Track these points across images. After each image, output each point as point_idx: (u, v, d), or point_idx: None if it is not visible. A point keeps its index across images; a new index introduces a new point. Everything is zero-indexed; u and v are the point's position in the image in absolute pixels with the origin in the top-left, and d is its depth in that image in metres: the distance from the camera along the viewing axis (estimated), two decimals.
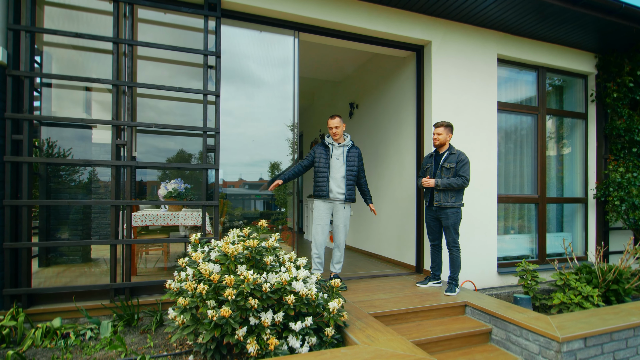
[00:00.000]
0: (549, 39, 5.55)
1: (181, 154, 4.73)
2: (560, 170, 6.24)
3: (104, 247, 5.12)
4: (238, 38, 4.47)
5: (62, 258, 4.78)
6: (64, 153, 4.32)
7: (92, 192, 5.01)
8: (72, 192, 4.81)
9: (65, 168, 4.61)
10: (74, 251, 4.91)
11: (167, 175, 4.94)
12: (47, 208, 4.43)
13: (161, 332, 3.52)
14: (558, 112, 6.14)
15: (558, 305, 4.06)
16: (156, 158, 4.59)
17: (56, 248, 4.74)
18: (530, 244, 5.84)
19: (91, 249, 5.11)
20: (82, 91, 4.42)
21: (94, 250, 5.19)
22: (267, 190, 5.19)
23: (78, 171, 4.80)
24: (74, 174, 4.85)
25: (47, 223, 4.60)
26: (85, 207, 4.93)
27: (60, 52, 4.27)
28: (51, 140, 4.28)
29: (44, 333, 3.28)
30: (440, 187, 4.14)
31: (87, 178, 4.95)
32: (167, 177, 4.92)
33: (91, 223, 5.05)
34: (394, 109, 5.92)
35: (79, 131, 4.47)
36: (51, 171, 4.55)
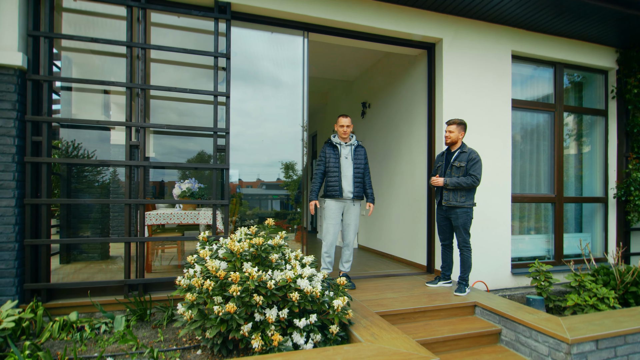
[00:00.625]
0: (567, 34, 5.39)
1: (201, 154, 4.84)
2: (579, 168, 6.05)
3: (121, 244, 5.30)
4: (251, 39, 4.55)
5: (82, 255, 4.98)
6: (88, 154, 4.50)
7: (110, 191, 5.19)
8: (91, 192, 5.01)
9: (87, 169, 4.80)
10: (93, 249, 5.10)
11: (187, 175, 5.06)
12: (67, 207, 4.62)
13: (172, 327, 3.61)
14: (577, 109, 5.96)
15: (572, 307, 3.96)
16: (177, 159, 4.73)
17: (77, 246, 4.94)
18: (547, 244, 5.69)
19: (109, 247, 5.29)
20: (101, 94, 4.59)
21: (113, 248, 5.37)
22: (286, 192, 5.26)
23: (100, 172, 4.99)
24: (97, 174, 5.05)
25: (67, 221, 4.81)
26: (104, 206, 5.11)
27: (80, 57, 4.45)
28: (76, 142, 4.47)
29: (61, 326, 3.42)
30: (449, 186, 4.09)
31: (106, 178, 5.14)
32: (187, 177, 5.04)
33: (109, 222, 5.24)
34: (405, 107, 5.88)
35: (99, 133, 4.64)
36: (75, 171, 4.75)
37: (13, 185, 3.57)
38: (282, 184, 5.20)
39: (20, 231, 3.64)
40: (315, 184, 4.40)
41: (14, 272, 3.57)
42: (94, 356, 2.97)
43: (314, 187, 4.40)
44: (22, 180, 3.66)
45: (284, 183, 5.22)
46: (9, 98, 3.55)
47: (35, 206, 3.72)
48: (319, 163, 4.46)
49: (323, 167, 4.42)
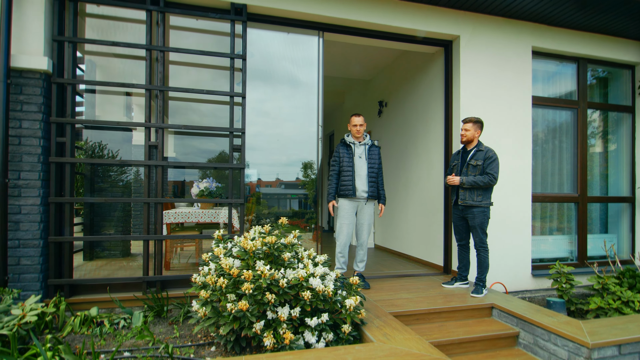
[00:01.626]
0: (590, 28, 5.21)
1: (222, 154, 4.92)
2: (604, 167, 5.83)
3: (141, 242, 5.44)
4: (267, 40, 4.59)
5: (104, 252, 5.13)
6: (113, 154, 4.65)
7: (132, 191, 5.34)
8: (113, 191, 5.16)
9: (110, 168, 4.95)
10: (115, 246, 5.26)
11: (208, 174, 5.15)
12: (90, 206, 4.77)
13: (187, 323, 3.68)
14: (601, 105, 5.75)
15: (595, 310, 3.82)
16: (197, 158, 4.83)
17: (100, 243, 5.10)
18: (570, 245, 5.51)
19: (131, 244, 5.44)
20: (123, 96, 4.73)
21: (134, 246, 5.52)
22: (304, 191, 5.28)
23: (123, 171, 5.13)
24: (120, 174, 5.20)
25: (90, 219, 4.97)
26: (125, 205, 5.26)
27: (102, 60, 4.60)
28: (100, 142, 4.63)
29: (82, 321, 3.54)
30: (465, 185, 4.03)
31: (128, 178, 5.28)
32: (206, 177, 5.14)
33: (131, 220, 5.39)
34: (422, 106, 5.81)
35: (121, 134, 4.78)
36: (99, 171, 4.90)
37: (38, 185, 3.71)
38: (300, 183, 5.22)
39: (45, 229, 3.79)
40: (331, 185, 4.40)
41: (38, 268, 3.72)
42: (112, 350, 3.06)
43: (331, 188, 4.40)
44: (47, 179, 3.81)
45: (302, 182, 5.24)
46: (35, 101, 3.70)
47: (59, 205, 3.86)
48: (333, 163, 4.45)
49: (337, 167, 4.41)
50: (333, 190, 4.39)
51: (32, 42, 3.70)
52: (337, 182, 4.41)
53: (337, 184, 4.41)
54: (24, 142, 3.68)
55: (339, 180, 4.41)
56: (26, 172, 3.69)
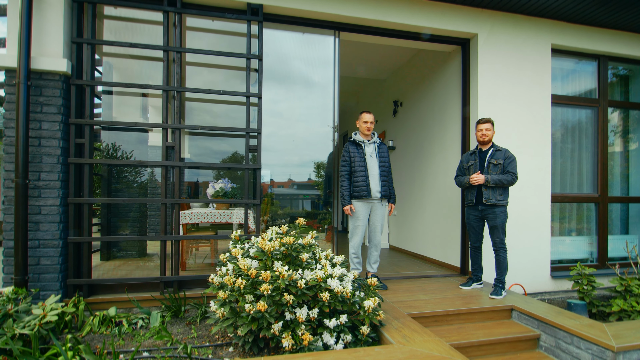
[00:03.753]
0: (611, 25, 5.09)
1: (235, 155, 4.94)
2: (626, 167, 5.69)
3: (157, 242, 5.47)
4: (282, 40, 4.58)
5: (121, 252, 5.19)
6: (127, 156, 4.69)
7: (148, 191, 5.39)
8: (130, 192, 5.21)
9: (127, 169, 5.00)
10: (131, 246, 5.31)
11: (222, 175, 5.18)
12: (107, 206, 4.82)
13: (205, 324, 3.69)
14: (622, 104, 5.62)
15: (617, 313, 3.73)
16: (211, 159, 4.85)
17: (116, 243, 5.15)
18: (590, 246, 5.40)
19: (147, 245, 5.50)
20: (140, 97, 4.77)
21: (150, 246, 5.58)
22: (316, 191, 5.28)
23: (139, 172, 5.19)
24: (136, 175, 5.26)
25: (108, 220, 5.02)
26: (141, 205, 5.31)
27: (120, 62, 4.65)
28: (116, 144, 4.67)
29: (101, 320, 3.57)
30: (490, 184, 3.99)
31: (144, 179, 5.34)
32: (221, 177, 5.16)
33: (147, 220, 5.45)
34: (438, 105, 5.75)
35: (137, 135, 4.83)
36: (115, 172, 4.95)
37: (58, 185, 3.76)
38: (313, 184, 5.21)
39: (64, 229, 3.83)
40: (345, 186, 4.28)
41: (58, 268, 3.76)
42: (131, 350, 3.08)
43: (345, 189, 4.27)
44: (66, 180, 3.85)
45: (314, 183, 5.23)
46: (54, 102, 3.75)
47: (77, 205, 3.90)
48: (344, 163, 4.32)
49: (349, 168, 4.30)
50: (348, 191, 4.27)
51: (51, 44, 3.75)
52: (350, 182, 4.32)
53: (350, 184, 4.31)
54: (43, 144, 3.72)
55: (351, 181, 4.34)
56: (46, 173, 3.73)
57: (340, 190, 4.34)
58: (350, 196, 4.28)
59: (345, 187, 4.29)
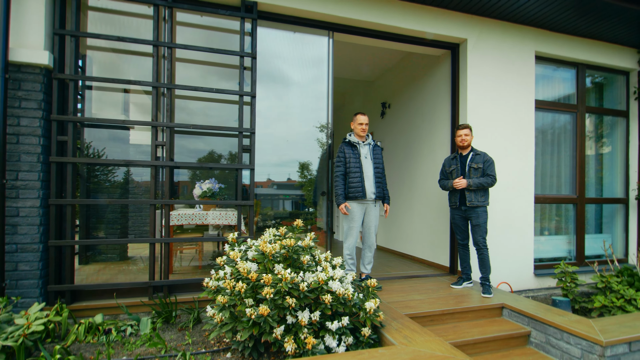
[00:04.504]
0: (589, 34, 5.36)
1: (211, 154, 4.80)
2: (600, 170, 6.01)
3: (139, 245, 5.27)
4: (271, 39, 4.50)
5: (101, 256, 4.95)
6: (98, 154, 4.46)
7: (129, 191, 5.17)
8: (109, 192, 4.98)
9: (106, 169, 4.76)
10: (112, 249, 5.07)
11: (197, 175, 5.04)
12: (87, 207, 4.58)
13: (198, 329, 3.58)
14: (598, 110, 5.92)
15: (599, 309, 3.92)
16: (186, 158, 4.68)
17: (95, 246, 4.91)
18: (568, 245, 5.65)
19: (128, 248, 5.27)
20: (121, 93, 4.56)
21: (130, 249, 5.35)
22: (300, 192, 5.25)
23: (114, 171, 4.95)
24: (110, 174, 5.02)
25: (87, 222, 4.77)
26: (122, 207, 5.09)
27: (100, 55, 4.41)
28: (87, 140, 4.43)
29: (87, 328, 3.39)
30: (472, 187, 4.14)
31: (122, 178, 5.12)
32: (197, 177, 5.02)
33: (128, 222, 5.22)
34: (428, 108, 5.84)
35: (118, 132, 4.61)
36: (95, 172, 4.71)
37: (38, 186, 3.54)
38: (300, 184, 5.18)
39: (45, 232, 3.62)
40: (339, 187, 4.27)
41: (38, 274, 3.55)
42: (124, 359, 2.95)
43: (339, 189, 4.26)
44: (47, 180, 3.63)
45: (299, 183, 5.21)
46: (34, 97, 3.53)
47: (59, 207, 3.69)
48: (338, 164, 4.32)
49: (343, 168, 4.30)
50: (342, 192, 4.27)
51: (31, 35, 3.52)
52: (344, 183, 4.33)
53: (344, 185, 4.32)
54: (22, 141, 3.50)
55: (346, 182, 4.34)
56: (25, 173, 3.51)
57: (335, 190, 4.33)
58: (345, 197, 4.28)
59: (340, 187, 4.29)
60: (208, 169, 4.55)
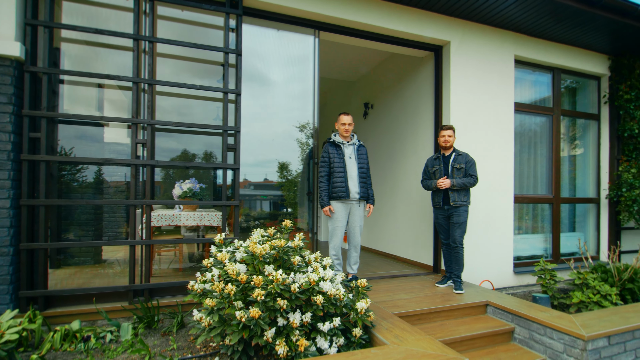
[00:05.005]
0: (564, 40, 5.56)
1: (185, 153, 4.66)
2: (573, 170, 6.25)
3: (114, 247, 5.07)
4: (253, 37, 4.41)
5: (74, 259, 4.71)
6: (66, 152, 4.23)
7: (102, 192, 4.95)
8: (82, 192, 4.75)
9: (78, 167, 4.54)
10: (86, 252, 4.84)
11: (171, 175, 4.91)
12: (58, 208, 4.34)
13: (183, 333, 3.46)
14: (572, 113, 6.15)
15: (577, 304, 4.06)
16: (158, 158, 4.51)
17: (67, 249, 4.66)
18: (544, 243, 5.84)
19: (102, 250, 5.06)
20: (95, 89, 4.35)
21: (105, 251, 5.14)
22: (279, 192, 5.19)
23: (85, 171, 4.73)
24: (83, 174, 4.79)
25: (58, 223, 4.53)
26: (96, 208, 4.87)
27: (74, 49, 4.19)
28: (59, 138, 4.21)
29: (63, 336, 3.21)
30: (455, 187, 4.21)
31: (93, 178, 4.91)
32: (171, 177, 4.88)
33: (102, 223, 5.01)
34: (411, 109, 5.89)
35: (90, 130, 4.39)
36: (64, 171, 4.47)
37: (8, 185, 3.32)
38: (279, 185, 5.11)
39: (16, 234, 3.41)
40: (323, 187, 4.26)
41: (8, 279, 3.33)
42: None
43: (323, 190, 4.25)
44: (18, 179, 3.42)
45: (279, 184, 5.15)
46: (4, 91, 3.31)
47: (31, 207, 3.48)
48: (323, 164, 4.31)
49: (327, 169, 4.29)
50: (326, 192, 4.26)
51: (2, 25, 3.31)
52: (329, 183, 4.31)
53: (328, 185, 4.31)
54: None
55: (330, 182, 4.32)
56: None
57: (319, 191, 4.30)
58: (329, 197, 4.26)
59: (324, 187, 4.26)
60: (191, 168, 4.41)
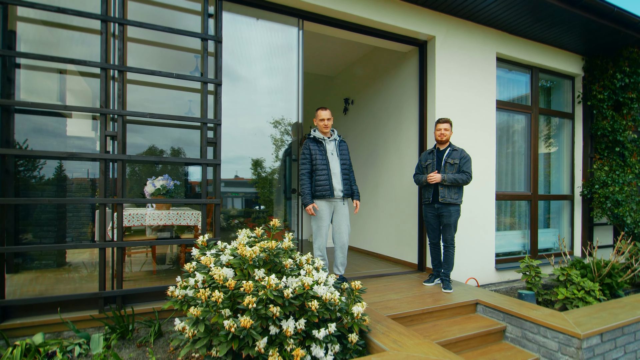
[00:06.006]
0: (543, 39, 5.64)
1: (153, 149, 4.35)
2: (548, 168, 6.39)
3: (79, 250, 4.67)
4: (241, 25, 4.15)
5: (34, 263, 4.27)
6: (21, 146, 3.81)
7: (65, 189, 4.55)
8: (43, 190, 4.31)
9: (37, 163, 4.11)
10: (47, 255, 4.43)
11: (137, 172, 4.60)
12: (14, 208, 3.90)
13: (161, 344, 3.18)
14: (548, 111, 6.27)
15: (562, 300, 4.10)
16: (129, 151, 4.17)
17: (25, 252, 4.22)
18: (523, 239, 5.94)
19: (66, 252, 4.66)
20: (56, 75, 3.94)
21: (69, 254, 4.74)
22: (253, 189, 5.00)
23: (46, 166, 4.31)
24: (42, 169, 4.38)
25: (15, 224, 4.08)
26: (59, 207, 4.48)
27: (30, 31, 3.74)
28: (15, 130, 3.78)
29: (24, 351, 2.85)
30: (446, 182, 4.10)
31: (53, 174, 4.51)
32: (136, 175, 4.57)
33: (65, 223, 4.60)
34: (394, 105, 5.79)
35: (49, 122, 3.98)
36: (22, 166, 4.04)
37: None
38: (251, 182, 4.91)
39: None
40: (306, 185, 4.05)
41: None
42: None
43: (306, 188, 4.04)
44: None
45: (252, 181, 4.95)
46: None
47: None
48: (304, 161, 4.09)
49: (309, 166, 4.08)
50: (309, 190, 4.05)
51: None
52: (311, 181, 4.10)
53: (311, 183, 4.09)
54: None
55: (312, 180, 4.13)
56: None
57: (301, 189, 4.09)
58: (312, 196, 4.07)
59: (306, 186, 4.05)
60: (167, 163, 4.10)
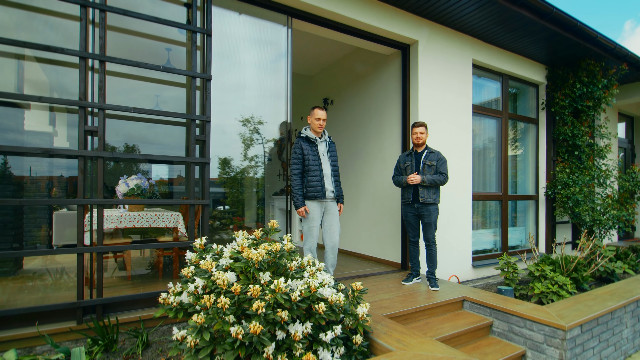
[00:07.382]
0: (513, 49, 5.97)
1: (128, 147, 4.09)
2: (515, 169, 6.75)
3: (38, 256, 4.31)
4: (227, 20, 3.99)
5: None
6: None
7: (23, 188, 4.16)
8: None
9: None
10: (4, 262, 4.01)
11: (109, 171, 4.39)
12: None
13: (150, 354, 2.96)
14: (516, 117, 6.63)
15: (538, 295, 4.33)
16: None
17: None
18: (494, 237, 6.23)
19: (23, 259, 4.26)
20: (14, 62, 3.57)
21: (27, 260, 4.34)
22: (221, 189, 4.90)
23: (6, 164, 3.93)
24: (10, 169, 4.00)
25: None
26: (16, 208, 4.09)
27: None
28: None
29: None
30: (425, 183, 4.22)
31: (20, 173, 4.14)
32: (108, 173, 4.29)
33: (23, 227, 4.21)
34: (375, 106, 5.84)
35: (6, 114, 3.62)
36: None
37: None
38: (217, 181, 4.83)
39: None
40: (298, 186, 3.95)
41: None
42: None
43: (298, 189, 3.94)
44: None
45: (220, 179, 4.86)
46: None
47: None
48: (296, 161, 3.98)
49: (301, 166, 3.99)
50: (300, 191, 3.96)
51: None
52: (302, 182, 4.01)
53: (302, 184, 4.00)
54: None
55: (304, 180, 4.06)
56: None
57: (292, 190, 3.98)
58: (304, 197, 3.98)
59: (297, 186, 3.96)
60: (153, 162, 3.85)
